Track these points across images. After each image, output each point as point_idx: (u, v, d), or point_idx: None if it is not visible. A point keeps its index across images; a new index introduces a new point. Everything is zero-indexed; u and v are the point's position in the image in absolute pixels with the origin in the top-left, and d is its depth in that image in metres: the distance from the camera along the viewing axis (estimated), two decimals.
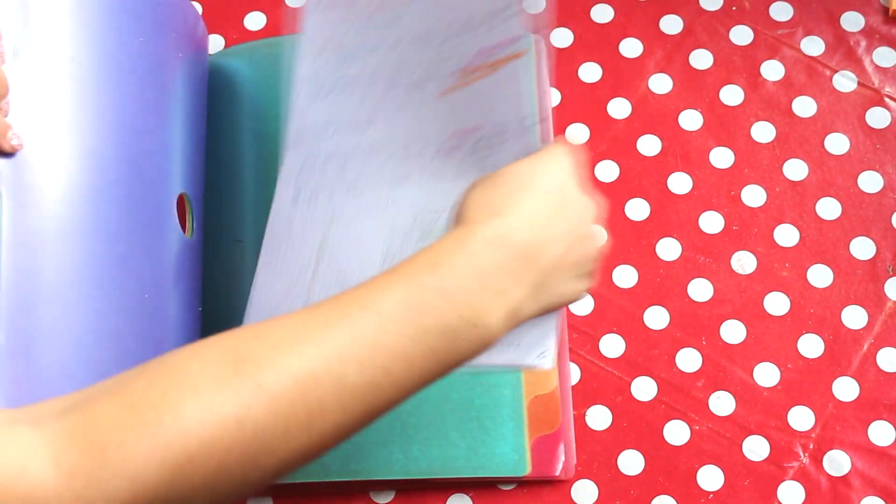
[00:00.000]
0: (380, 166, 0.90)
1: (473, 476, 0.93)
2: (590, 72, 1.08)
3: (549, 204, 0.74)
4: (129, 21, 0.92)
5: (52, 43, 0.86)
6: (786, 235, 1.02)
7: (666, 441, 0.96)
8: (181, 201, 0.95)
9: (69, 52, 0.87)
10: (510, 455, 0.94)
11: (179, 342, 0.92)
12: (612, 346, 0.99)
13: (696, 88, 1.07)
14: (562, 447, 0.94)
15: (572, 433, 0.95)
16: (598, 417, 0.96)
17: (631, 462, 0.95)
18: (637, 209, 1.03)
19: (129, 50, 0.91)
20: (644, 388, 0.97)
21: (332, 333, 0.68)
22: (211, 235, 1.00)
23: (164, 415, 0.64)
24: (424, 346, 0.69)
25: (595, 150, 1.05)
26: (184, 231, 0.95)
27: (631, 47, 1.09)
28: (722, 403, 0.96)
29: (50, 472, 0.62)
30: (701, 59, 1.08)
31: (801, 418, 0.96)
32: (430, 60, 0.91)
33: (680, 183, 1.04)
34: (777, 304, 0.99)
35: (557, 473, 0.94)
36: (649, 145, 1.05)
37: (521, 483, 0.95)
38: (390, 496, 0.95)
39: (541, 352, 0.80)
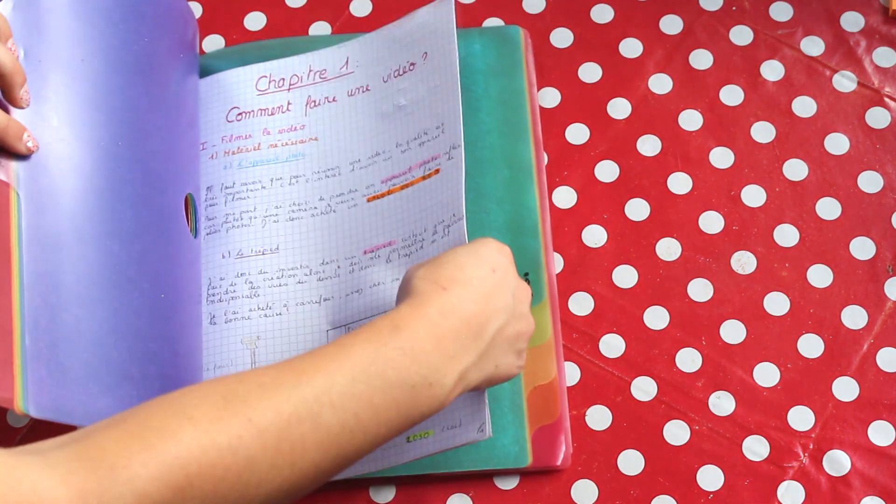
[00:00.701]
0: (293, 288, 0.94)
1: (475, 469, 0.94)
2: (590, 72, 1.08)
3: (491, 282, 0.82)
4: (133, 22, 0.92)
5: (63, 45, 0.86)
6: (786, 235, 1.02)
7: (666, 441, 0.96)
8: (186, 202, 0.95)
9: (80, 54, 0.87)
10: (511, 447, 0.94)
11: (193, 343, 0.93)
12: (612, 346, 0.99)
13: (696, 88, 1.07)
14: (563, 437, 0.94)
15: (567, 423, 0.95)
16: (598, 417, 0.96)
17: (631, 462, 0.95)
18: (637, 209, 1.03)
19: (134, 50, 0.92)
20: (644, 388, 0.97)
21: (308, 380, 0.74)
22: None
23: (166, 440, 0.69)
24: (389, 397, 0.76)
25: (595, 150, 1.05)
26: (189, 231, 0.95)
27: (631, 47, 1.09)
28: (722, 403, 0.96)
29: (60, 491, 0.65)
30: (701, 59, 1.08)
31: (801, 418, 0.96)
32: (342, 188, 0.95)
33: (680, 183, 1.04)
34: (777, 304, 0.99)
35: (559, 463, 0.94)
36: (649, 145, 1.05)
37: (523, 475, 0.95)
38: (391, 494, 0.95)
39: (479, 425, 0.86)
